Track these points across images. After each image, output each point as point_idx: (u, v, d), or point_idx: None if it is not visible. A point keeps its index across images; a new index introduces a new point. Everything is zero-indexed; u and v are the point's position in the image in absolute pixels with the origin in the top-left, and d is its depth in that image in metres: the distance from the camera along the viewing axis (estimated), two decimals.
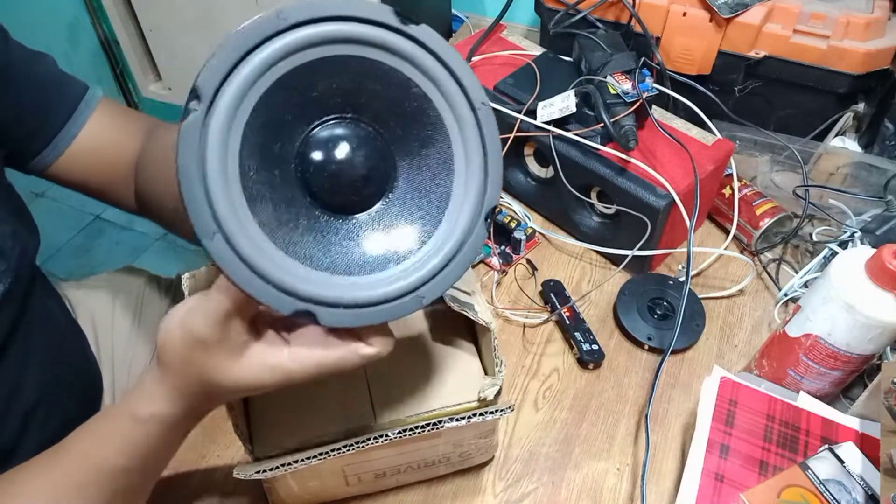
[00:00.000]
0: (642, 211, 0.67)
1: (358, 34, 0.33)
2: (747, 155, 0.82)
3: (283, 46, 0.32)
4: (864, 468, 0.51)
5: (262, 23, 0.31)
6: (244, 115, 0.32)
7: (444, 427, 0.46)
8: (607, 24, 0.84)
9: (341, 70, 0.34)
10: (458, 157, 0.38)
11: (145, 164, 0.62)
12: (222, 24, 0.95)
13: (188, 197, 0.31)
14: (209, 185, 0.32)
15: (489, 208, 0.38)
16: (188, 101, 0.31)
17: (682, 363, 0.68)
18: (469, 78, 0.36)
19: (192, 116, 0.31)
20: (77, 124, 0.61)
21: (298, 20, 0.32)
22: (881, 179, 0.77)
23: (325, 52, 0.33)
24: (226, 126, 0.31)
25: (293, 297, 0.34)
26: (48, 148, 0.60)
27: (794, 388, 0.60)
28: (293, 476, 0.50)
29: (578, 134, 0.70)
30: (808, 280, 0.72)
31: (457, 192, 0.38)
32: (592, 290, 0.75)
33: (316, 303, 0.35)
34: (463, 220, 0.38)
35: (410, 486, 0.58)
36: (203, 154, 0.31)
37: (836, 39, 0.77)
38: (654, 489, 0.59)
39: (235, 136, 0.32)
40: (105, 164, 0.63)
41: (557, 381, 0.67)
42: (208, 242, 0.32)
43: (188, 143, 0.31)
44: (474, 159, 0.37)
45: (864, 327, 0.52)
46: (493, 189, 0.38)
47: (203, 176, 0.31)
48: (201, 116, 0.31)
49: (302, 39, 0.32)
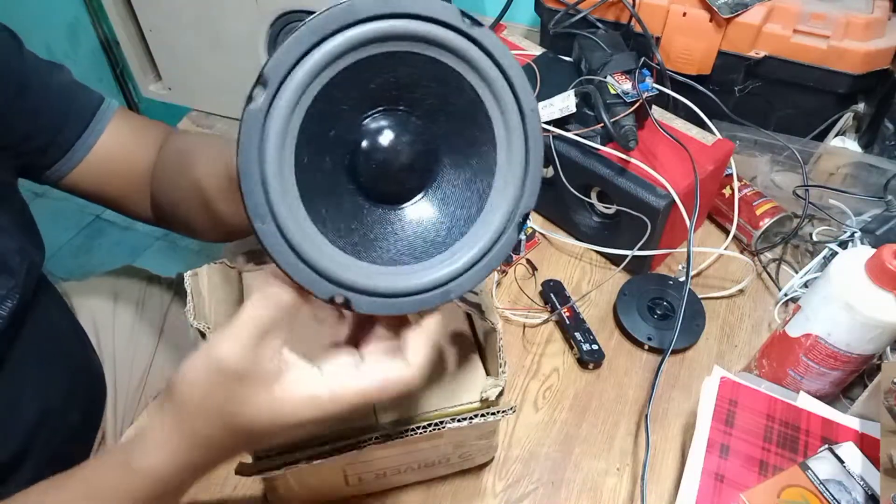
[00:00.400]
0: (642, 211, 0.67)
1: (424, 33, 0.34)
2: (747, 155, 0.82)
3: (351, 39, 0.32)
4: (864, 468, 0.51)
5: (333, 15, 0.31)
6: (305, 104, 0.33)
7: (445, 428, 0.46)
8: (607, 24, 0.84)
9: (401, 65, 0.35)
10: (501, 160, 0.38)
11: (161, 173, 0.62)
12: (222, 23, 0.95)
13: (246, 181, 0.32)
14: (266, 171, 0.32)
15: (524, 213, 0.39)
16: (253, 87, 0.31)
17: (682, 363, 0.68)
18: (522, 83, 0.37)
19: (255, 104, 0.31)
20: (93, 135, 0.61)
21: (369, 14, 0.32)
22: (881, 179, 0.77)
23: (389, 48, 0.34)
24: (287, 115, 0.32)
25: (333, 283, 0.35)
26: (63, 159, 0.60)
27: (794, 388, 0.60)
28: (293, 475, 0.50)
29: (578, 134, 0.70)
30: (808, 280, 0.72)
31: (495, 193, 0.38)
32: (592, 290, 0.75)
33: (353, 290, 0.35)
34: (497, 221, 0.38)
35: (410, 486, 0.58)
36: (263, 141, 0.32)
37: (836, 39, 0.77)
38: (654, 489, 0.59)
39: (294, 125, 0.33)
40: (120, 174, 0.63)
41: (557, 382, 0.67)
42: (260, 225, 0.33)
43: (250, 128, 0.32)
44: (516, 163, 0.38)
45: (864, 327, 0.52)
46: (530, 195, 0.39)
47: (261, 161, 0.32)
48: (266, 105, 0.31)
49: (369, 34, 0.33)
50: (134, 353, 0.78)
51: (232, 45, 0.97)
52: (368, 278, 0.36)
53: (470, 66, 0.35)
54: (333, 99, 0.34)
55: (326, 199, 0.36)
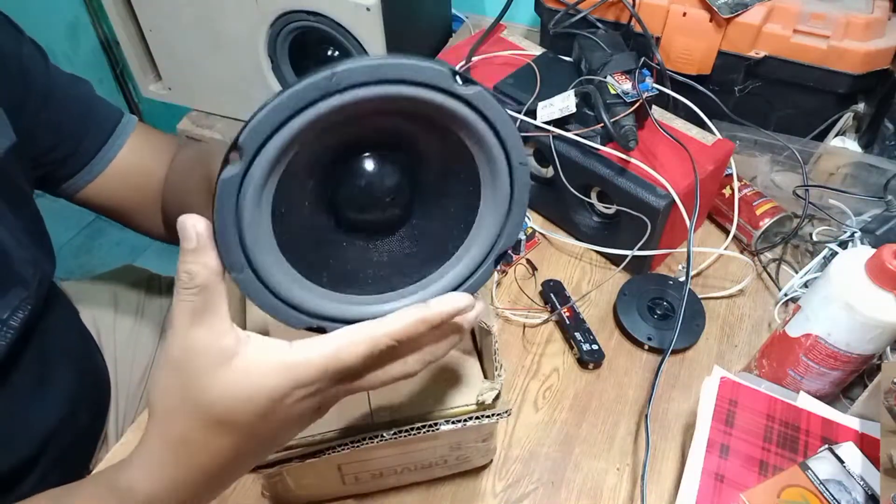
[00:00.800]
0: (642, 211, 0.67)
1: (412, 96, 0.32)
2: (747, 155, 0.82)
3: (332, 107, 0.31)
4: (864, 468, 0.51)
5: (314, 85, 0.30)
6: (282, 166, 0.33)
7: (440, 429, 0.46)
8: (607, 24, 0.84)
9: (387, 118, 0.34)
10: (484, 204, 0.38)
11: (171, 185, 0.62)
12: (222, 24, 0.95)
13: (223, 240, 0.32)
14: (242, 229, 0.32)
15: (499, 252, 0.39)
16: (229, 151, 0.31)
17: (682, 363, 0.68)
18: (514, 140, 0.36)
19: (231, 170, 0.31)
20: (112, 150, 0.62)
21: (352, 83, 0.31)
22: (881, 179, 0.77)
23: (375, 108, 0.33)
24: (263, 180, 0.32)
25: (309, 315, 0.36)
26: (82, 172, 0.61)
27: (794, 388, 0.60)
28: (290, 473, 0.50)
29: (578, 134, 0.70)
30: (808, 280, 0.72)
31: (474, 232, 0.39)
32: (592, 290, 0.75)
33: (327, 319, 0.37)
34: (471, 257, 0.39)
35: (410, 486, 0.58)
36: (239, 205, 0.32)
37: (836, 39, 0.77)
38: (654, 489, 0.59)
39: (271, 187, 0.33)
40: (136, 189, 0.64)
41: (557, 382, 0.67)
42: (237, 276, 0.33)
43: (225, 193, 0.31)
44: (499, 208, 0.38)
45: (864, 327, 0.52)
46: (509, 236, 0.39)
47: (238, 221, 0.32)
48: (241, 172, 0.31)
49: (353, 100, 0.31)
50: (135, 353, 0.78)
51: (232, 45, 0.97)
52: (341, 308, 0.37)
53: (459, 122, 0.34)
54: (313, 153, 0.34)
55: (304, 240, 0.36)
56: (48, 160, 0.59)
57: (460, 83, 0.32)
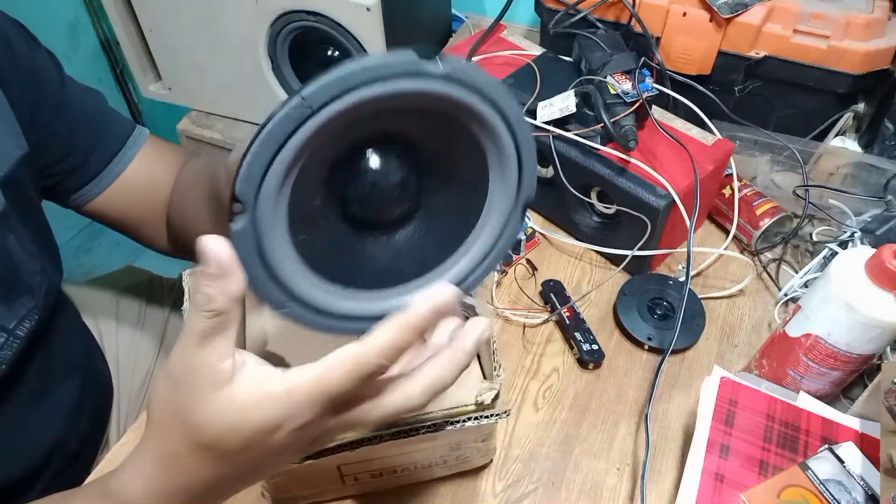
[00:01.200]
0: (642, 211, 0.67)
1: (388, 93, 0.32)
2: (747, 155, 0.82)
3: (312, 132, 0.31)
4: (864, 468, 0.51)
5: (287, 117, 0.30)
6: (285, 198, 0.33)
7: (439, 430, 0.46)
8: (607, 24, 0.84)
9: (377, 119, 0.34)
10: (493, 186, 0.38)
11: (175, 201, 0.62)
12: (222, 24, 0.95)
13: (257, 288, 0.33)
14: (273, 269, 0.33)
15: (524, 204, 0.39)
16: (232, 203, 0.31)
17: (682, 363, 0.68)
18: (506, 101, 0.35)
19: (240, 224, 0.31)
20: (121, 163, 0.62)
21: (323, 101, 0.30)
22: (881, 179, 0.77)
23: (357, 116, 0.32)
24: (272, 217, 0.32)
25: (361, 320, 0.36)
26: (91, 184, 0.61)
27: (794, 388, 0.60)
28: (289, 474, 0.50)
29: (578, 134, 0.70)
30: (808, 280, 0.72)
31: (483, 217, 0.39)
32: (592, 290, 0.75)
33: (356, 319, 0.37)
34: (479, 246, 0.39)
35: (410, 486, 0.58)
36: (261, 249, 0.32)
37: (836, 39, 0.77)
38: (654, 489, 0.59)
39: (282, 220, 0.33)
40: (144, 203, 0.64)
41: (557, 382, 0.67)
42: (284, 312, 0.34)
43: (243, 246, 0.32)
44: (508, 170, 0.38)
45: (864, 327, 0.52)
46: (529, 189, 0.39)
47: (265, 266, 0.32)
48: (249, 222, 0.31)
49: (330, 116, 0.31)
50: (137, 355, 0.78)
51: (232, 45, 0.97)
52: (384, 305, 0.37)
53: (445, 100, 0.34)
54: (311, 175, 0.34)
55: (331, 254, 0.37)
56: (57, 171, 0.59)
57: (433, 64, 0.32)
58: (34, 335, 0.56)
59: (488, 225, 0.39)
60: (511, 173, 0.37)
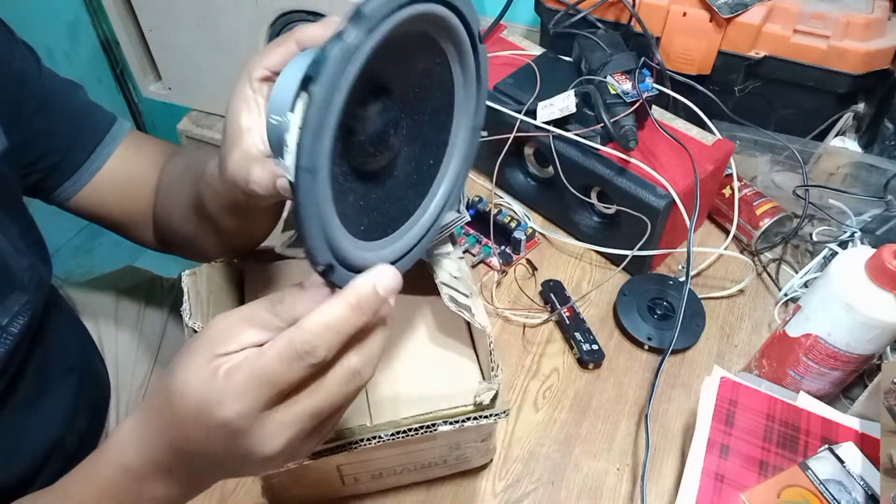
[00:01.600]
0: (642, 211, 0.67)
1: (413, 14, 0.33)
2: (747, 155, 0.82)
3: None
4: (864, 468, 0.51)
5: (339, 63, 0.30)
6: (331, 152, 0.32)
7: (438, 430, 0.46)
8: (607, 24, 0.84)
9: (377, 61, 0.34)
10: (458, 92, 0.42)
11: (163, 193, 0.61)
12: (222, 24, 0.95)
13: (314, 245, 0.33)
14: (324, 221, 0.33)
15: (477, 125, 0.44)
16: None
17: (682, 363, 0.68)
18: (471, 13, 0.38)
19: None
20: (101, 157, 0.61)
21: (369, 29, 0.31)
22: (881, 179, 0.77)
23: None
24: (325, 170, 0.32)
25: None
26: (70, 181, 0.60)
27: (794, 388, 0.60)
28: (289, 474, 0.50)
29: (578, 134, 0.70)
30: (808, 280, 0.72)
31: (452, 138, 0.43)
32: (592, 290, 0.75)
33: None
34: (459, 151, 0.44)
35: (410, 486, 0.58)
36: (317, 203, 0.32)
37: (836, 39, 0.77)
38: (654, 489, 0.59)
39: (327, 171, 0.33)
40: (127, 198, 0.63)
41: (557, 381, 0.67)
42: (332, 274, 0.34)
43: (309, 203, 0.32)
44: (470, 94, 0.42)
45: (864, 327, 0.52)
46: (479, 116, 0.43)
47: (318, 212, 0.32)
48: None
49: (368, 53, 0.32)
50: (136, 355, 0.78)
51: (232, 45, 0.97)
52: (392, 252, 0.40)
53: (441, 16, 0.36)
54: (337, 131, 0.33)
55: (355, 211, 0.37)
56: (39, 168, 0.59)
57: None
58: (28, 332, 0.56)
59: (458, 139, 0.43)
60: (470, 75, 0.41)
